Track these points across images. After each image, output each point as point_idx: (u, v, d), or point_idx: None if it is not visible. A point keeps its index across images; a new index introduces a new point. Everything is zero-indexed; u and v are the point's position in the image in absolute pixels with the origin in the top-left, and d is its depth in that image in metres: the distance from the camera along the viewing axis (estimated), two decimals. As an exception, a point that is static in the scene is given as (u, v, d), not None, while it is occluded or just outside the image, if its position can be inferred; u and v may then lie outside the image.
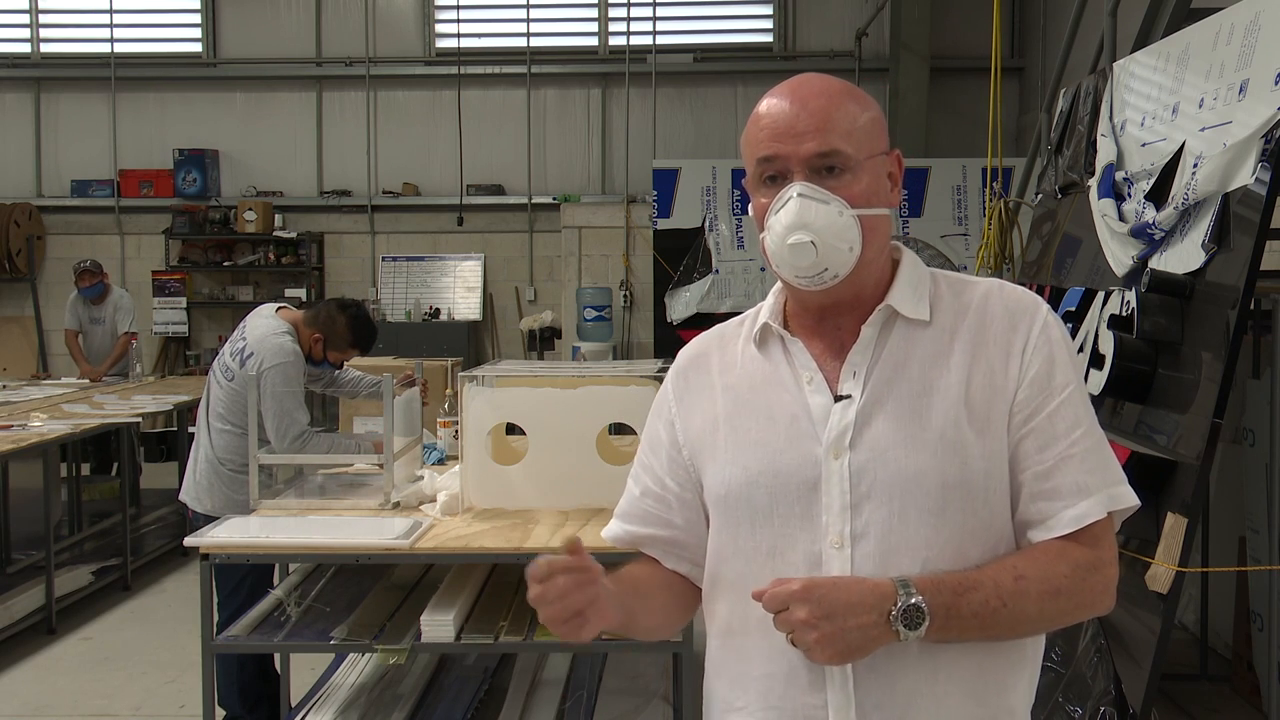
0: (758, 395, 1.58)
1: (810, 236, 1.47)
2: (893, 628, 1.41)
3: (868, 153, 1.52)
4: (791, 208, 1.48)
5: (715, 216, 9.35)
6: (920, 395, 1.50)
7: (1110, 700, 3.17)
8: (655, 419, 1.71)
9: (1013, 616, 1.45)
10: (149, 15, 10.88)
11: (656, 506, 1.68)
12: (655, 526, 1.68)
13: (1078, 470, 1.49)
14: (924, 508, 1.48)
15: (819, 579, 1.45)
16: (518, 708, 3.83)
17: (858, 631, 1.40)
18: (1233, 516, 4.75)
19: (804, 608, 1.40)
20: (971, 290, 1.58)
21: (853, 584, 1.44)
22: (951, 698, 1.49)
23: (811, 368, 1.55)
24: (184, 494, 4.43)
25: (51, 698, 4.95)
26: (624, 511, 1.72)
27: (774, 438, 1.54)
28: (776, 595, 1.42)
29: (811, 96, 1.52)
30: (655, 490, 1.68)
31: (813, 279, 1.50)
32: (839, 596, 1.41)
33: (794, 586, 1.42)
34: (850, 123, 1.51)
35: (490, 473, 3.63)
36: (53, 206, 10.80)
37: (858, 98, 1.55)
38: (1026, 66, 10.02)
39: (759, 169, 1.53)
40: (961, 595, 1.43)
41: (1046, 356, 1.51)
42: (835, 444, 1.50)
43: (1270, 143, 3.01)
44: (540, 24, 10.71)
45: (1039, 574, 1.47)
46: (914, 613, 1.41)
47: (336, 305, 4.52)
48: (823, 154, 1.49)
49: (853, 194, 1.50)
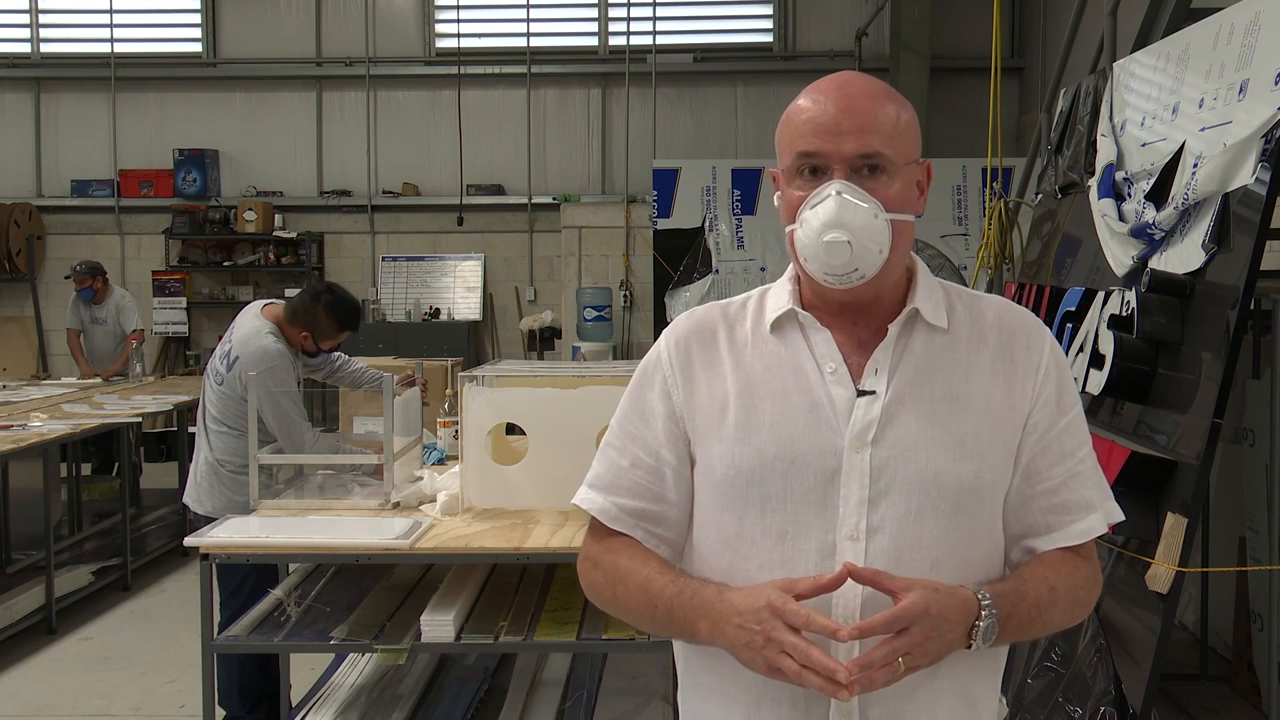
0: (773, 378, 1.57)
1: (847, 236, 1.48)
2: (972, 640, 1.44)
3: (905, 158, 1.54)
4: (830, 205, 1.49)
5: (715, 216, 9.35)
6: (943, 400, 1.53)
7: (1110, 700, 3.17)
8: (645, 388, 1.64)
9: (1042, 624, 1.53)
10: (149, 15, 10.89)
11: (648, 479, 1.61)
12: (646, 500, 1.61)
13: (1084, 486, 1.58)
14: (939, 509, 1.50)
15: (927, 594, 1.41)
16: (518, 708, 3.83)
17: (945, 646, 1.42)
18: (1233, 516, 4.75)
19: (924, 626, 1.39)
20: (982, 305, 1.62)
21: (947, 597, 1.43)
22: (946, 695, 1.52)
23: (836, 358, 1.55)
24: (186, 496, 4.44)
25: (51, 698, 4.95)
26: (610, 483, 1.64)
27: (791, 423, 1.54)
28: (898, 616, 1.39)
29: (858, 95, 1.53)
30: (648, 461, 1.61)
31: (841, 278, 1.51)
32: (943, 612, 1.41)
33: (916, 606, 1.39)
34: (893, 125, 1.52)
35: (490, 473, 3.63)
36: (53, 206, 10.80)
37: (897, 100, 1.56)
38: (1026, 66, 10.02)
39: (798, 161, 1.53)
40: (1016, 605, 1.48)
41: (1058, 378, 1.58)
42: (859, 437, 1.51)
43: (1270, 143, 3.01)
44: (540, 24, 10.71)
45: (1065, 585, 1.54)
46: (993, 625, 1.45)
47: (310, 296, 4.43)
48: (865, 155, 1.50)
49: (888, 196, 1.51)
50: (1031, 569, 1.54)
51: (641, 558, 1.59)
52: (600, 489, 1.65)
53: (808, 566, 1.50)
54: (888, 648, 1.39)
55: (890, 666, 1.38)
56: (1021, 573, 1.54)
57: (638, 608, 1.57)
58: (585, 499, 1.66)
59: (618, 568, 1.59)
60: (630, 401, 1.66)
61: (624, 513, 1.62)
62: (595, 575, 1.64)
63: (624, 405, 1.67)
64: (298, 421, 4.15)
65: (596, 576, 1.63)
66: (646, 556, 1.60)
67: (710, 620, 1.47)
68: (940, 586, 1.43)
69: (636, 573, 1.57)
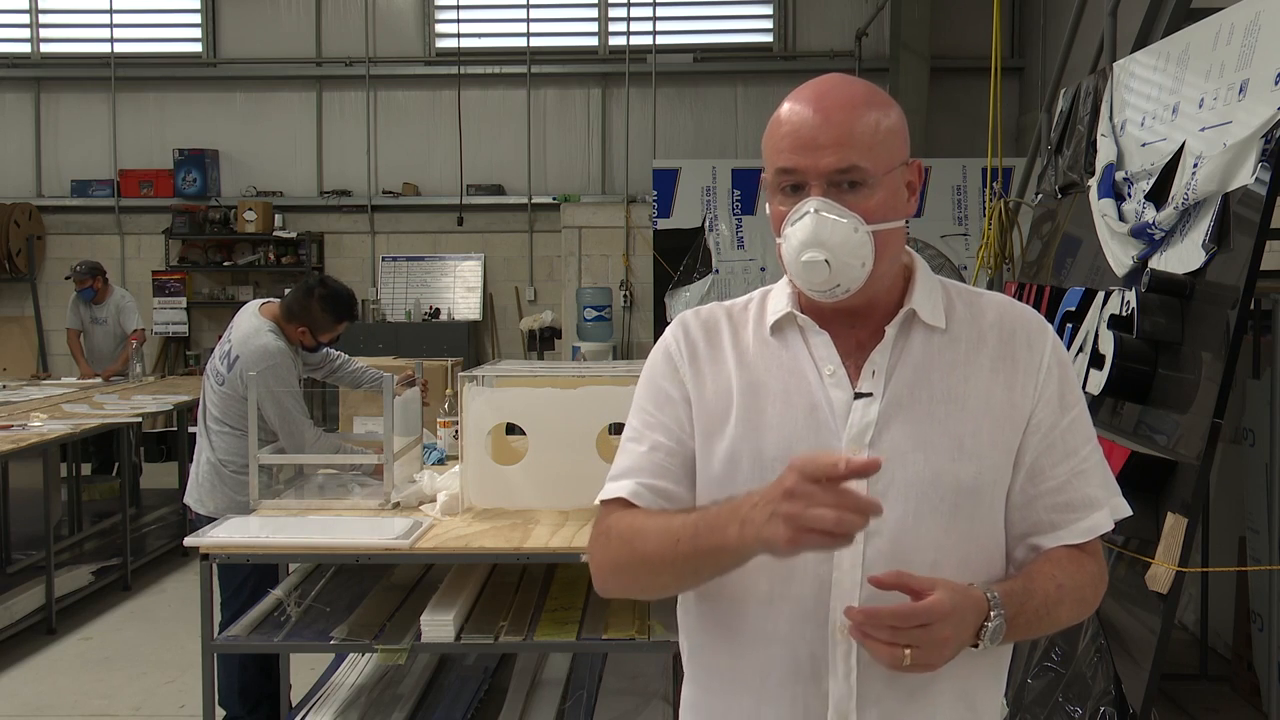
0: (774, 379, 1.57)
1: (824, 255, 1.48)
2: (981, 639, 1.43)
3: (886, 166, 1.52)
4: (807, 224, 1.48)
5: (715, 216, 9.35)
6: (941, 402, 1.53)
7: (1110, 700, 3.17)
8: (658, 377, 1.63)
9: (1050, 622, 1.53)
10: (149, 15, 10.89)
11: (669, 461, 1.59)
12: (668, 480, 1.58)
13: (1089, 484, 1.57)
14: (937, 510, 1.50)
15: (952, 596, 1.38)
16: (518, 708, 3.83)
17: (955, 646, 1.41)
18: (1233, 516, 4.75)
19: (945, 626, 1.37)
20: (982, 303, 1.61)
21: (962, 596, 1.41)
22: (945, 696, 1.51)
23: (835, 360, 1.55)
24: (187, 497, 4.44)
25: (51, 698, 4.95)
26: (632, 468, 1.60)
27: (790, 424, 1.54)
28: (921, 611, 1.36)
29: (835, 108, 1.50)
30: (668, 444, 1.59)
31: (824, 293, 1.52)
32: (958, 610, 1.39)
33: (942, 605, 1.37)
34: (872, 136, 1.50)
35: (490, 473, 3.63)
36: (53, 206, 10.81)
37: (881, 105, 1.53)
38: (1026, 66, 10.02)
39: (778, 178, 1.53)
40: (1023, 604, 1.48)
41: (1060, 376, 1.57)
42: (855, 440, 1.51)
43: (1270, 143, 3.01)
44: (540, 24, 10.71)
45: (1072, 583, 1.53)
46: (1000, 625, 1.44)
47: (303, 291, 4.42)
48: (842, 170, 1.49)
49: (869, 208, 1.50)
50: (1039, 567, 1.53)
51: (655, 511, 1.56)
52: (626, 475, 1.60)
53: (805, 569, 1.49)
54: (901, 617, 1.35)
55: (894, 650, 1.36)
56: (1029, 571, 1.53)
57: (658, 551, 1.49)
58: (607, 491, 1.61)
59: (634, 524, 1.54)
60: (644, 393, 1.64)
61: (647, 490, 1.57)
62: (608, 546, 1.57)
63: (638, 399, 1.65)
64: (300, 419, 4.15)
65: (609, 546, 1.57)
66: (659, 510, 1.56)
67: (737, 519, 1.39)
68: (958, 587, 1.42)
69: (654, 519, 1.53)
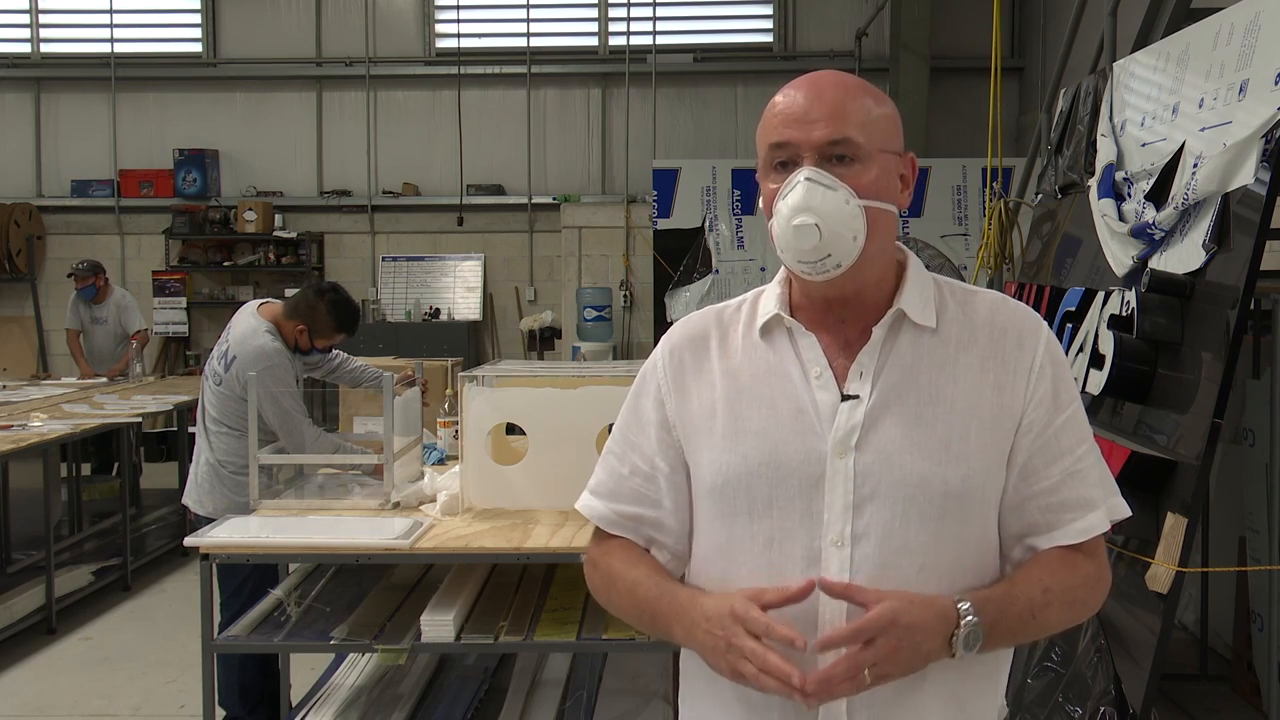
0: (760, 384, 1.56)
1: (815, 219, 1.47)
2: (953, 649, 1.43)
3: (879, 146, 1.52)
4: (799, 191, 1.48)
5: (715, 216, 9.35)
6: (929, 403, 1.51)
7: (1110, 700, 3.17)
8: (641, 396, 1.67)
9: (1038, 627, 1.51)
10: (149, 15, 10.89)
11: (645, 486, 1.64)
12: (644, 506, 1.64)
13: (1083, 484, 1.55)
14: (925, 514, 1.49)
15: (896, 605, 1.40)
16: (518, 708, 3.83)
17: (923, 656, 1.41)
18: (1233, 516, 4.75)
19: (891, 637, 1.39)
20: (975, 302, 1.59)
21: (921, 608, 1.42)
22: (935, 699, 1.50)
23: (821, 363, 1.54)
24: (186, 497, 4.43)
25: (51, 698, 4.95)
26: (611, 490, 1.67)
27: (777, 429, 1.53)
28: (863, 628, 1.39)
29: (828, 87, 1.52)
30: (644, 469, 1.64)
31: (815, 265, 1.49)
32: (914, 623, 1.40)
33: (883, 617, 1.38)
34: (864, 114, 1.51)
35: (490, 473, 3.63)
36: (53, 206, 10.80)
37: (874, 94, 1.55)
38: (1026, 66, 10.02)
39: (770, 154, 1.53)
40: (1004, 610, 1.47)
41: (1053, 376, 1.55)
42: (841, 442, 1.50)
43: (1270, 143, 3.01)
44: (540, 24, 10.71)
45: (1061, 587, 1.51)
46: (974, 632, 1.43)
47: (314, 292, 4.43)
48: (834, 141, 1.49)
49: (861, 184, 1.49)
50: (1025, 571, 1.52)
51: (633, 560, 1.63)
52: (600, 495, 1.69)
53: (794, 573, 1.49)
54: (849, 661, 1.39)
55: (855, 680, 1.39)
56: (1013, 576, 1.52)
57: (628, 609, 1.63)
58: (585, 505, 1.71)
59: (611, 570, 1.64)
60: (629, 409, 1.69)
61: (622, 518, 1.66)
62: (595, 576, 1.70)
63: (624, 412, 1.70)
64: (299, 419, 4.15)
65: (596, 578, 1.69)
66: (638, 559, 1.63)
67: (683, 625, 1.50)
68: (915, 598, 1.42)
69: (626, 575, 1.62)
